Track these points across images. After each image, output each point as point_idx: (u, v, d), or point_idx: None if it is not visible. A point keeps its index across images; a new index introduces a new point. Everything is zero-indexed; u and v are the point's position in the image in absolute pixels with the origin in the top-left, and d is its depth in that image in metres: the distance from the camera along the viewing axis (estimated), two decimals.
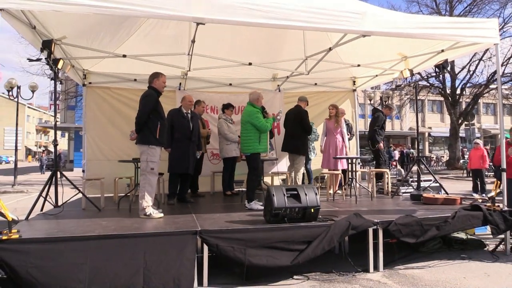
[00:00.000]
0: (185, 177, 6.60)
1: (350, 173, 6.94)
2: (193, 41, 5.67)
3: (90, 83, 7.82)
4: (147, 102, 5.00)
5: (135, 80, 7.86)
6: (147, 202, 4.97)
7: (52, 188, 5.37)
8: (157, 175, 5.12)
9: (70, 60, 6.50)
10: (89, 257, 3.72)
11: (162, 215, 5.01)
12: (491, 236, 5.30)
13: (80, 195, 5.93)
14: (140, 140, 5.03)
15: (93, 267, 3.69)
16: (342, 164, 7.27)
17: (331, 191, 6.97)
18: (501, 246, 5.34)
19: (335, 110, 7.38)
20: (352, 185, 6.75)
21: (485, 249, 5.40)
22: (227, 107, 7.64)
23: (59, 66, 5.61)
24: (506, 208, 5.23)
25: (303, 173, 7.97)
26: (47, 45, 5.14)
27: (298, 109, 7.16)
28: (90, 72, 7.73)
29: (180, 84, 8.28)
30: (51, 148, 52.23)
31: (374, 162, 8.03)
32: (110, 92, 7.92)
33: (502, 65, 18.16)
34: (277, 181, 8.14)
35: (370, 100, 15.87)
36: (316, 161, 8.42)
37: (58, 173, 5.47)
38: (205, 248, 4.04)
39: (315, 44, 6.77)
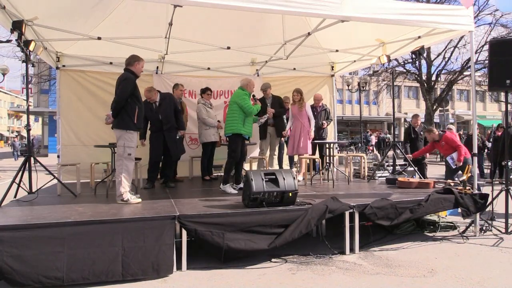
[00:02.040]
0: (169, 163, 6.66)
1: (327, 157, 7.03)
2: (170, 24, 5.56)
3: (64, 66, 7.60)
4: (126, 85, 4.89)
5: (110, 63, 7.69)
6: (124, 187, 4.91)
7: (26, 174, 5.25)
8: (134, 160, 5.06)
9: (42, 42, 6.29)
10: (66, 244, 3.67)
11: (139, 200, 4.97)
12: (461, 218, 5.48)
13: (55, 181, 5.81)
14: (117, 125, 4.95)
15: (70, 254, 3.65)
16: (305, 150, 6.96)
17: (300, 177, 7.03)
18: (471, 228, 5.55)
19: (299, 96, 7.04)
20: (330, 169, 6.84)
21: (456, 231, 5.59)
22: (204, 91, 7.58)
23: (31, 48, 5.43)
24: (476, 192, 5.42)
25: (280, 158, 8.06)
26: (17, 26, 4.95)
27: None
28: (64, 55, 7.51)
29: (157, 68, 8.15)
30: (24, 133, 50.82)
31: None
32: (85, 76, 7.73)
33: (476, 52, 18.51)
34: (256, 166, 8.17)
35: (348, 85, 16.03)
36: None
37: (32, 158, 5.34)
38: (184, 233, 4.04)
39: (294, 29, 6.76)
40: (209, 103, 7.53)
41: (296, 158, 7.64)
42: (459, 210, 5.28)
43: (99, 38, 6.39)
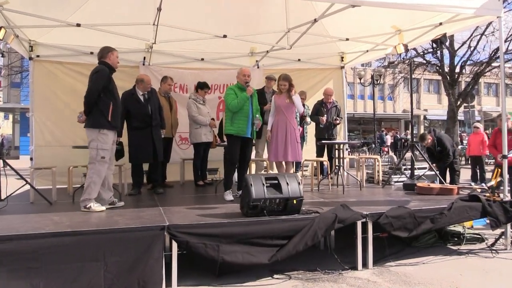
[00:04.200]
0: (156, 165, 6.68)
1: (337, 160, 7.04)
2: (159, 9, 5.57)
3: (38, 56, 7.62)
4: (98, 78, 4.93)
5: (91, 53, 7.69)
6: (90, 194, 4.94)
7: None
8: (107, 163, 5.07)
9: (13, 29, 6.30)
10: (42, 259, 3.66)
11: (103, 208, 5.00)
12: (490, 229, 5.48)
13: (27, 186, 5.82)
14: (90, 124, 4.96)
15: (48, 270, 3.64)
16: (295, 155, 6.12)
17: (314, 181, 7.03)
18: (501, 240, 5.53)
19: (286, 84, 6.16)
20: (339, 173, 6.85)
21: (484, 243, 5.58)
22: (201, 87, 7.59)
23: (0, 36, 5.45)
24: (507, 199, 5.41)
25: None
26: None
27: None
28: (38, 44, 7.52)
29: (144, 58, 8.18)
30: None
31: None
32: (62, 67, 7.75)
33: (505, 41, 18.54)
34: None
35: (360, 78, 16.05)
36: (307, 149, 8.47)
37: (1, 161, 5.35)
38: (174, 245, 4.05)
39: (298, 15, 6.75)
40: (201, 98, 7.55)
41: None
42: (487, 220, 5.29)
43: (78, 25, 6.40)
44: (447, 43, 6.46)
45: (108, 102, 4.96)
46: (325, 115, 7.96)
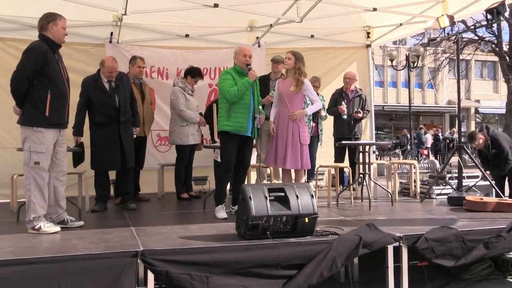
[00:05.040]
0: (125, 173, 6.67)
1: (361, 166, 7.03)
2: None
3: None
4: (27, 59, 4.88)
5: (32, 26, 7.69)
6: (35, 211, 4.90)
7: None
8: (47, 171, 5.00)
9: None
10: None
11: (58, 229, 4.98)
12: None
13: None
14: (22, 119, 4.95)
15: None
16: (295, 162, 6.05)
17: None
18: None
19: (293, 60, 6.02)
20: (365, 183, 6.84)
21: None
22: (193, 74, 7.59)
23: None
24: None
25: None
26: None
27: None
28: None
29: (111, 34, 8.17)
30: None
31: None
32: (4, 45, 7.78)
33: None
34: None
35: (392, 60, 15.97)
36: (323, 152, 8.52)
37: None
38: (150, 276, 4.04)
39: None
40: (190, 88, 7.58)
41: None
42: None
43: None
44: (507, 13, 6.41)
45: (44, 90, 4.89)
46: (346, 106, 7.94)
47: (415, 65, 16.92)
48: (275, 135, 6.13)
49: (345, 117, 7.94)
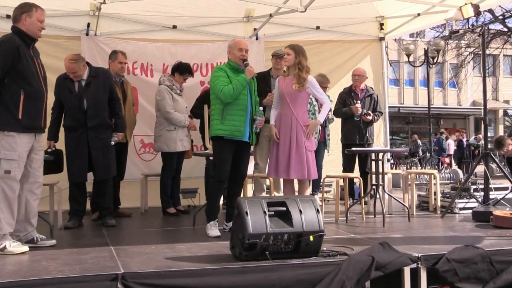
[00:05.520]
0: (101, 185, 6.66)
1: (374, 176, 7.08)
2: None
3: None
4: None
5: (7, 16, 7.71)
6: (1, 228, 4.86)
7: None
8: (18, 182, 4.99)
9: None
10: None
11: (26, 248, 4.95)
12: None
13: None
14: None
15: None
16: (301, 171, 6.06)
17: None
18: None
19: (293, 54, 6.11)
20: (378, 196, 6.87)
21: None
22: (182, 70, 7.58)
23: None
24: None
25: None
26: None
27: None
28: None
29: (88, 25, 8.16)
30: None
31: None
32: None
33: None
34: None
35: (409, 56, 16.03)
36: (330, 160, 8.54)
37: None
38: None
39: None
40: (178, 87, 7.59)
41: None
42: None
43: None
44: None
45: (17, 90, 4.90)
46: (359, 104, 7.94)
47: (435, 61, 17.00)
48: (275, 143, 6.16)
49: (356, 118, 8.00)
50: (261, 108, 6.12)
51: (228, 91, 5.68)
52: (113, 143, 6.66)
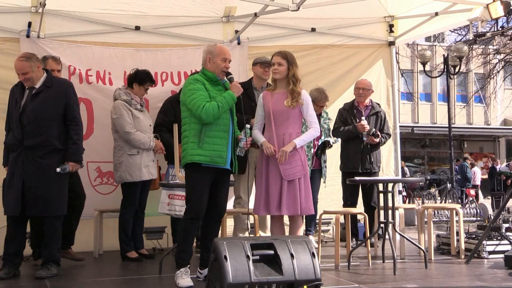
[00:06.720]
0: (36, 224, 6.67)
1: (382, 212, 7.05)
2: None
3: None
4: None
5: None
6: None
7: None
8: None
9: None
10: None
11: None
12: None
13: None
14: None
15: None
16: (294, 206, 6.07)
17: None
18: None
19: (285, 65, 6.15)
20: (387, 236, 6.86)
21: None
22: (140, 80, 7.58)
23: None
24: None
25: None
26: None
27: None
28: None
29: (29, 25, 8.16)
30: None
31: None
32: None
33: None
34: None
35: (424, 64, 16.15)
36: (328, 192, 8.57)
37: None
38: None
39: None
40: (138, 101, 7.59)
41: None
42: None
43: None
44: None
45: None
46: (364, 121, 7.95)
47: (456, 70, 17.12)
48: (261, 172, 6.14)
49: (364, 138, 8.02)
50: (248, 126, 6.08)
51: (212, 109, 5.64)
52: (59, 170, 6.41)
